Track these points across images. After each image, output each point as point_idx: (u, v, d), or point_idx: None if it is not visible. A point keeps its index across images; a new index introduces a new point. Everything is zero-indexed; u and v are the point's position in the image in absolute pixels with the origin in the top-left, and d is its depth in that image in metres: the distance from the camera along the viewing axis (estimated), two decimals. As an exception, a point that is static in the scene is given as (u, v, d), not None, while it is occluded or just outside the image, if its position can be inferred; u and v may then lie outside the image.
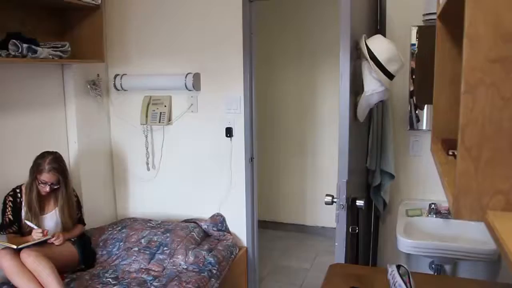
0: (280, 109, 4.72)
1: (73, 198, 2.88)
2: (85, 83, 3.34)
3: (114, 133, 3.62)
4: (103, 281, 2.72)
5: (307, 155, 4.71)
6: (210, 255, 2.95)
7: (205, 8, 3.20)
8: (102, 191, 3.60)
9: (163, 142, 3.46)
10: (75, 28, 3.13)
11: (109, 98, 3.57)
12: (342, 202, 1.98)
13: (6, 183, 2.78)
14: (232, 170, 3.29)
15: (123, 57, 3.48)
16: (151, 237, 3.06)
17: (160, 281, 2.69)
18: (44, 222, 2.76)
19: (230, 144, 3.26)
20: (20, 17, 2.86)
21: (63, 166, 2.76)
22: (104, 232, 3.21)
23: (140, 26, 3.40)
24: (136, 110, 3.43)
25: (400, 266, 1.74)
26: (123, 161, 3.64)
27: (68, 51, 2.91)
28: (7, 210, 2.70)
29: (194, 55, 3.27)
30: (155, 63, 3.39)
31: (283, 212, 4.88)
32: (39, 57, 2.65)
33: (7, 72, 2.83)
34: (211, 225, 3.30)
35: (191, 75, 3.21)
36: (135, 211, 3.67)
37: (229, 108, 3.22)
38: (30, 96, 3.00)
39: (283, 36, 4.59)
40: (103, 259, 2.98)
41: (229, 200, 3.34)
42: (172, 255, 2.91)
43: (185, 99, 3.33)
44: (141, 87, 3.42)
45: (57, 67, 3.22)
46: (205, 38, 3.23)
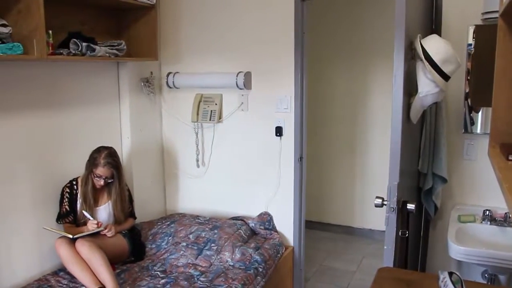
0: (330, 108, 4.68)
1: (126, 192, 2.96)
2: (138, 80, 3.43)
3: (166, 130, 3.70)
4: (151, 273, 2.78)
5: (356, 156, 4.65)
6: (257, 253, 2.96)
7: (258, 7, 3.21)
8: (152, 186, 3.68)
9: (213, 140, 3.50)
10: (130, 27, 3.22)
11: (161, 95, 3.65)
12: (392, 205, 1.94)
13: (64, 175, 2.90)
14: (281, 169, 3.29)
15: (175, 56, 3.55)
16: (199, 233, 3.11)
17: (206, 276, 2.73)
18: (98, 214, 2.85)
19: (280, 143, 3.27)
20: (80, 18, 2.97)
21: (118, 161, 2.85)
22: (153, 226, 3.29)
23: (193, 25, 3.46)
24: (188, 108, 3.49)
25: (452, 274, 1.70)
26: (174, 157, 3.71)
27: (123, 49, 3.00)
28: (64, 201, 2.82)
29: (246, 54, 3.30)
30: (207, 61, 3.44)
31: (331, 213, 4.84)
32: (97, 55, 2.75)
33: (67, 69, 2.95)
34: (258, 223, 3.32)
35: (242, 73, 3.23)
36: (184, 206, 3.74)
37: (279, 107, 3.23)
38: (87, 93, 3.11)
39: (335, 35, 4.55)
40: (152, 252, 3.05)
41: (277, 199, 3.35)
42: (219, 252, 2.95)
43: (236, 97, 3.36)
44: (193, 85, 3.48)
45: (113, 64, 3.32)
46: (257, 37, 3.24)
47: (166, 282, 2.64)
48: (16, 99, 2.63)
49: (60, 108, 2.92)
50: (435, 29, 2.82)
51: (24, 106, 2.69)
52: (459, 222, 2.72)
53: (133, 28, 3.21)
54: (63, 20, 2.78)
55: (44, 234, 2.73)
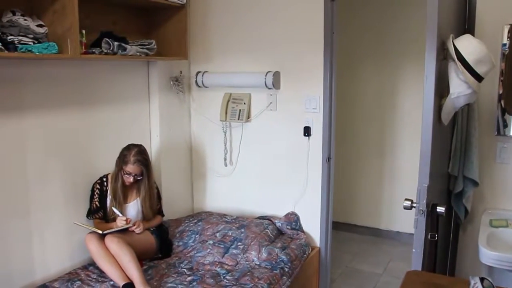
0: (358, 108, 4.64)
1: (154, 190, 3.00)
2: (168, 79, 3.47)
3: (194, 128, 3.73)
4: (178, 270, 2.81)
5: (385, 157, 4.59)
6: (283, 253, 2.96)
7: (287, 7, 3.21)
8: (180, 184, 3.72)
9: (241, 139, 3.51)
10: (161, 26, 3.26)
11: (190, 94, 3.69)
12: (422, 207, 1.92)
13: (95, 172, 2.95)
14: (309, 170, 3.28)
15: (205, 55, 3.57)
16: (226, 232, 3.12)
17: (233, 275, 2.74)
18: (127, 210, 2.90)
19: (308, 143, 3.25)
20: (112, 18, 3.03)
21: (147, 158, 2.89)
22: (181, 224, 3.32)
23: (222, 24, 3.48)
24: (216, 107, 3.51)
25: (484, 279, 1.66)
26: (202, 156, 3.74)
27: (154, 48, 3.04)
28: (94, 197, 2.88)
29: (275, 53, 3.29)
30: (236, 61, 3.45)
31: (358, 214, 4.80)
32: (128, 54, 2.80)
33: (99, 67, 3.00)
34: (285, 223, 3.31)
35: (271, 73, 3.23)
36: (211, 205, 3.76)
37: (308, 107, 3.21)
38: (118, 91, 3.17)
39: (364, 35, 4.50)
40: (179, 249, 3.08)
41: (304, 199, 3.33)
42: (245, 251, 2.96)
43: (265, 97, 3.36)
44: (222, 84, 3.49)
45: (143, 63, 3.37)
46: (286, 36, 3.24)
47: (192, 280, 2.66)
48: (50, 97, 2.70)
49: (91, 106, 2.98)
50: (468, 28, 2.76)
51: (58, 104, 2.75)
52: (491, 227, 2.65)
53: (163, 27, 3.25)
54: (95, 20, 2.83)
55: (75, 229, 2.79)
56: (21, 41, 2.20)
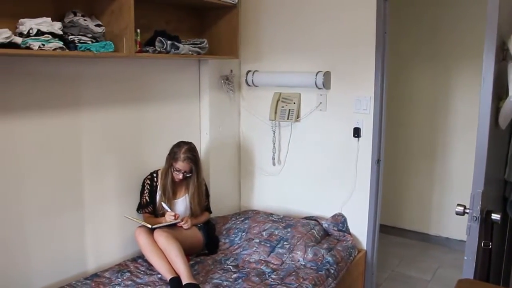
0: (409, 110, 4.53)
1: (203, 187, 3.04)
2: (219, 78, 3.51)
3: (243, 127, 3.76)
4: (224, 267, 2.84)
5: (436, 160, 4.46)
6: (329, 254, 2.94)
7: (338, 7, 3.18)
8: (228, 182, 3.76)
9: (290, 139, 3.51)
10: (212, 26, 3.30)
11: (240, 93, 3.72)
12: (475, 214, 1.85)
13: (145, 167, 3.03)
14: (358, 171, 3.23)
15: (255, 54, 3.59)
16: (272, 231, 3.13)
17: (278, 274, 2.74)
18: (175, 206, 2.95)
19: (357, 144, 3.21)
20: (165, 17, 3.10)
21: (197, 156, 2.93)
22: (228, 221, 3.35)
23: (273, 24, 3.48)
24: (266, 106, 3.53)
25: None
26: (250, 154, 3.76)
27: (205, 47, 3.08)
28: (145, 191, 2.95)
29: (325, 53, 3.27)
30: (286, 60, 3.45)
31: (406, 218, 4.68)
32: (180, 53, 2.85)
33: (152, 66, 3.08)
34: (331, 224, 3.29)
35: (321, 73, 3.21)
36: (258, 203, 3.78)
37: (358, 108, 3.17)
38: (169, 89, 3.23)
39: (417, 35, 4.39)
40: (225, 247, 3.11)
41: (352, 201, 3.30)
42: (291, 250, 2.95)
43: (314, 97, 3.35)
44: (272, 84, 3.50)
45: (195, 62, 3.42)
46: (337, 36, 3.21)
47: (238, 277, 2.69)
48: (105, 94, 2.79)
49: (144, 103, 3.05)
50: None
51: (112, 101, 2.84)
52: (549, 236, 2.53)
53: (215, 26, 3.29)
54: (149, 20, 2.91)
55: (126, 222, 2.87)
56: (80, 40, 2.29)
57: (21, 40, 2.05)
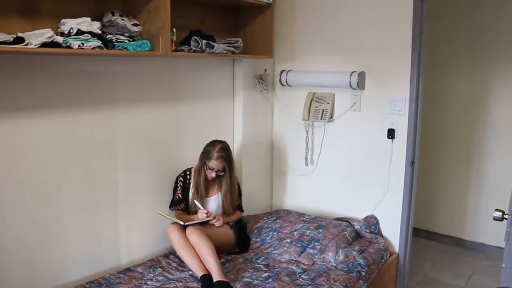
0: (445, 112, 4.42)
1: (236, 186, 3.06)
2: (253, 77, 3.52)
3: (277, 126, 3.76)
4: (254, 266, 2.85)
5: (472, 163, 4.34)
6: (361, 256, 2.91)
7: (374, 6, 3.14)
8: (260, 181, 3.77)
9: (323, 139, 3.49)
10: (247, 25, 3.32)
11: (274, 92, 3.72)
12: (514, 219, 1.80)
13: (179, 165, 3.07)
14: (391, 173, 3.19)
15: (289, 54, 3.58)
16: (303, 231, 3.12)
17: (308, 274, 2.73)
18: (208, 204, 2.98)
19: (391, 146, 3.17)
20: (200, 16, 3.13)
21: (230, 155, 2.95)
22: (259, 220, 3.36)
23: (308, 24, 3.47)
24: (299, 106, 3.52)
25: None
26: (283, 154, 3.76)
27: (240, 47, 3.10)
28: (177, 189, 2.99)
29: (360, 53, 3.24)
30: (321, 60, 3.43)
31: (439, 222, 4.58)
32: (215, 52, 2.87)
33: (186, 64, 3.12)
34: (363, 226, 3.25)
35: (356, 73, 3.18)
36: (290, 203, 3.78)
37: (393, 109, 3.13)
38: (204, 88, 3.26)
39: (454, 35, 4.28)
40: (256, 245, 3.12)
41: (384, 203, 3.25)
42: (322, 251, 2.94)
43: (349, 97, 3.32)
44: (306, 84, 3.49)
45: (229, 61, 3.44)
46: (372, 36, 3.17)
47: (268, 276, 2.69)
48: (140, 92, 2.84)
49: (178, 101, 3.09)
50: None
51: (147, 99, 2.89)
52: None
53: (249, 26, 3.30)
54: (185, 19, 2.94)
55: (158, 218, 2.91)
56: (118, 39, 2.34)
57: (62, 40, 2.12)
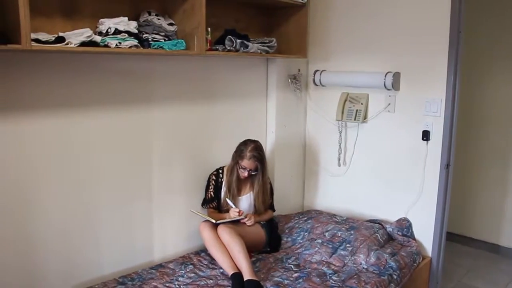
0: (482, 114, 4.30)
1: (268, 185, 3.07)
2: (286, 77, 3.52)
3: (309, 126, 3.75)
4: (285, 266, 2.85)
5: (509, 166, 4.21)
6: (392, 259, 2.87)
7: (410, 4, 3.09)
8: (292, 181, 3.76)
9: (356, 140, 3.46)
10: (281, 25, 3.32)
11: (307, 92, 3.71)
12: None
13: (211, 163, 3.10)
14: (425, 175, 3.13)
15: (323, 54, 3.57)
16: (335, 232, 3.10)
17: (339, 276, 2.72)
18: (240, 203, 3.00)
19: (426, 148, 3.11)
20: (235, 16, 3.15)
21: (263, 155, 2.96)
22: (290, 220, 3.36)
23: (342, 23, 3.44)
24: (333, 106, 3.49)
25: None
26: (315, 154, 3.75)
27: (274, 46, 3.10)
28: (210, 187, 3.02)
29: (395, 53, 3.19)
30: (355, 60, 3.40)
31: (474, 227, 4.46)
32: (249, 51, 2.89)
33: (220, 64, 3.14)
34: (396, 228, 3.21)
35: (391, 74, 3.14)
36: (321, 204, 3.76)
37: (428, 110, 3.07)
38: (237, 87, 3.29)
39: (497, 34, 4.16)
40: (287, 245, 3.12)
41: (418, 206, 3.20)
42: (354, 253, 2.91)
43: (383, 98, 3.28)
44: (339, 84, 3.47)
45: (263, 61, 3.45)
46: (408, 35, 3.11)
47: (298, 276, 2.69)
48: (174, 90, 2.88)
49: (212, 100, 3.12)
50: None
51: (181, 97, 2.93)
52: None
53: (283, 25, 3.30)
54: (220, 19, 2.96)
55: (191, 216, 2.95)
56: (154, 39, 2.39)
57: (100, 39, 2.17)
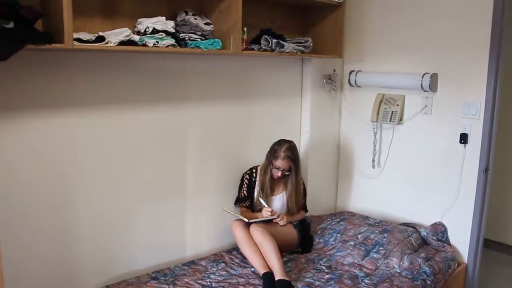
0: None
1: (301, 186, 3.06)
2: (321, 77, 3.50)
3: (344, 127, 3.72)
4: (317, 267, 2.84)
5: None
6: (426, 264, 2.82)
7: (450, 4, 3.02)
8: (325, 182, 3.74)
9: (391, 142, 3.41)
10: (317, 25, 3.30)
11: (342, 93, 3.68)
12: None
13: (245, 162, 3.12)
14: (462, 179, 3.07)
15: (359, 54, 3.53)
16: (368, 234, 3.07)
17: (371, 279, 2.69)
18: (272, 202, 3.00)
19: (463, 151, 3.05)
20: (270, 15, 3.15)
21: (297, 155, 2.95)
22: (323, 221, 3.34)
23: (378, 23, 3.40)
24: (368, 107, 3.46)
25: None
26: (349, 155, 3.71)
27: (310, 46, 3.09)
28: (243, 186, 3.03)
29: (433, 54, 3.13)
30: (391, 61, 3.36)
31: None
32: (285, 51, 2.88)
33: (255, 63, 3.15)
34: (430, 233, 3.15)
35: (428, 75, 3.08)
36: (354, 205, 3.72)
37: (466, 112, 3.00)
38: (272, 86, 3.29)
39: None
40: (319, 246, 3.10)
41: (454, 210, 3.13)
42: (386, 256, 2.88)
43: (419, 99, 3.22)
44: (375, 85, 3.43)
45: (298, 60, 3.44)
46: (447, 36, 3.05)
47: (330, 278, 2.67)
48: (208, 89, 2.90)
49: (246, 99, 3.14)
50: None
51: (215, 96, 2.95)
52: None
53: (319, 25, 3.29)
54: (255, 18, 2.97)
55: (223, 214, 2.97)
56: (190, 38, 2.42)
57: (139, 38, 2.21)
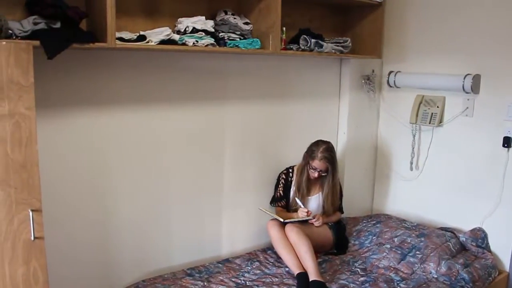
0: None
1: (338, 187, 3.04)
2: (360, 77, 3.47)
3: (382, 128, 3.67)
4: (352, 269, 2.82)
5: None
6: (465, 270, 2.75)
7: (491, 4, 2.94)
8: (362, 183, 3.70)
9: (430, 144, 3.34)
10: (355, 25, 3.28)
11: (380, 94, 3.63)
12: None
13: (281, 162, 3.12)
14: (505, 184, 2.98)
15: (398, 54, 3.48)
16: (404, 238, 3.02)
17: (407, 284, 2.64)
18: (308, 203, 2.99)
19: (507, 155, 2.96)
20: (309, 15, 3.14)
21: (334, 156, 2.93)
22: (358, 223, 3.31)
23: (418, 23, 3.34)
24: (407, 109, 3.40)
25: None
26: (387, 157, 3.66)
27: (349, 46, 3.07)
28: (279, 186, 3.04)
29: (475, 55, 3.05)
30: (431, 61, 3.29)
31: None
32: (324, 51, 2.87)
33: (294, 63, 3.15)
34: (470, 239, 3.07)
35: (470, 76, 3.01)
36: (391, 208, 3.67)
37: (510, 115, 2.92)
38: (310, 86, 3.28)
39: None
40: (354, 248, 3.08)
41: (495, 216, 3.05)
42: (423, 261, 2.82)
43: (460, 101, 3.15)
44: (414, 86, 3.37)
45: (336, 61, 3.42)
46: (489, 35, 2.97)
47: (365, 281, 2.65)
48: (248, 89, 2.93)
49: (284, 99, 3.14)
50: None
51: (253, 96, 2.97)
52: None
53: (358, 25, 3.26)
54: (294, 18, 2.97)
55: (259, 213, 2.99)
56: (230, 37, 2.44)
57: (179, 37, 2.25)
